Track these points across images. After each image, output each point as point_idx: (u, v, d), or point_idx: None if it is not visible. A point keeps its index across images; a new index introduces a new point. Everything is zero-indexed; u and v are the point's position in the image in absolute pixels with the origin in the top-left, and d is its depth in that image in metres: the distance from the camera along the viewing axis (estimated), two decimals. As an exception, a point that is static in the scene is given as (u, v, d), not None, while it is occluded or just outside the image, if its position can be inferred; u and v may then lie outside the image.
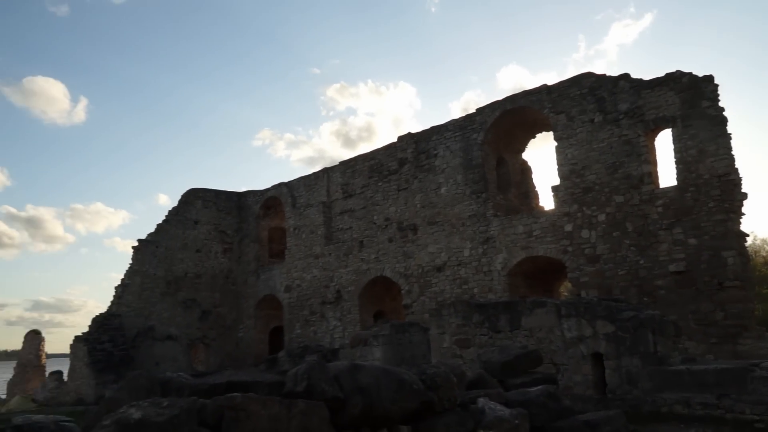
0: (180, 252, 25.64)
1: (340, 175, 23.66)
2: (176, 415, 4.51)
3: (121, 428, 4.26)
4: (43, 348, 39.93)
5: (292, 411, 5.38)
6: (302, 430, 5.41)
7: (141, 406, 4.54)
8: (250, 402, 5.09)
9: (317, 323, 23.28)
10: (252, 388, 5.71)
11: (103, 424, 4.42)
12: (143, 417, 4.36)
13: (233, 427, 4.99)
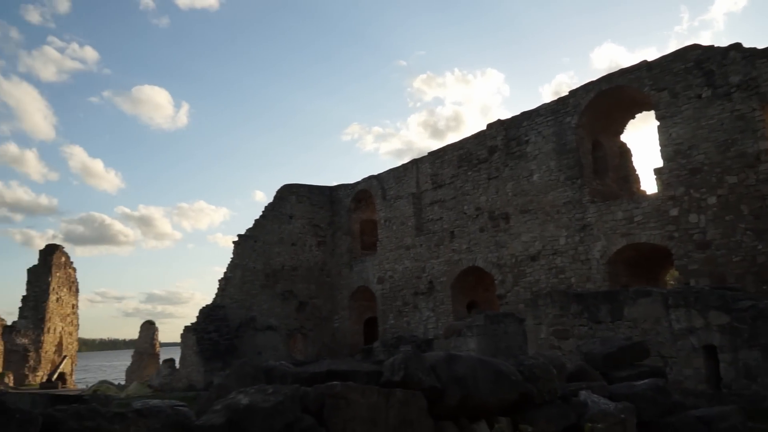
0: (276, 246, 26.65)
1: (429, 166, 23.59)
2: (281, 401, 4.68)
3: (231, 413, 4.48)
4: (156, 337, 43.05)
5: (391, 400, 5.43)
6: (400, 420, 5.46)
7: (248, 393, 4.75)
8: (350, 390, 5.19)
9: (410, 314, 23.43)
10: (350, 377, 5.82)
11: (215, 409, 4.67)
12: (251, 403, 4.55)
13: (334, 415, 5.11)
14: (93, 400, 5.07)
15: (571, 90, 18.74)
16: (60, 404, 4.63)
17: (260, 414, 4.53)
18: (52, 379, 32.10)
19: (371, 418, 5.28)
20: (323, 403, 5.13)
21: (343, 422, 5.08)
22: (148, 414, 4.42)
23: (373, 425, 5.30)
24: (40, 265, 33.51)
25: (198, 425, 4.52)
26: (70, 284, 36.84)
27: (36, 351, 32.30)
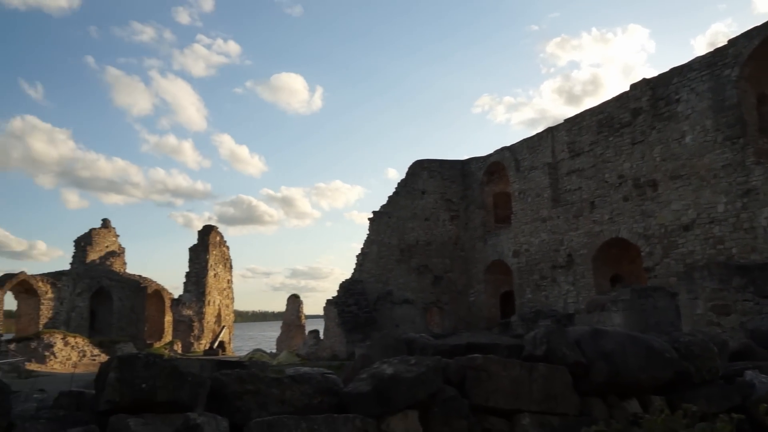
0: (410, 221, 27.05)
1: (566, 134, 22.48)
2: (423, 372, 4.76)
3: (376, 382, 4.64)
4: (302, 310, 45.88)
5: (533, 374, 5.31)
6: (544, 394, 5.33)
7: (392, 363, 4.88)
8: (492, 363, 5.15)
9: (548, 288, 22.71)
10: (491, 350, 5.77)
11: (361, 378, 4.87)
12: (395, 372, 4.68)
13: (476, 387, 5.11)
14: (252, 366, 5.50)
15: (730, 39, 16.75)
16: (224, 369, 5.08)
17: (404, 383, 4.65)
18: (214, 347, 35.58)
19: (514, 391, 5.21)
20: (464, 375, 5.15)
21: (485, 394, 5.07)
22: (301, 380, 4.71)
23: (516, 398, 5.23)
24: (199, 244, 37.05)
25: (346, 392, 4.74)
26: (224, 261, 40.38)
27: (199, 321, 35.92)
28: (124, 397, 3.94)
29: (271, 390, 4.56)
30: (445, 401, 4.89)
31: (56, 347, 26.41)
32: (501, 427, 5.20)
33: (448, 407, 4.90)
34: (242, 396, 4.41)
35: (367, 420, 4.41)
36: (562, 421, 5.33)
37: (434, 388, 4.85)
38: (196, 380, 4.23)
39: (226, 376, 4.53)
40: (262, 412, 4.37)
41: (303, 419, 4.21)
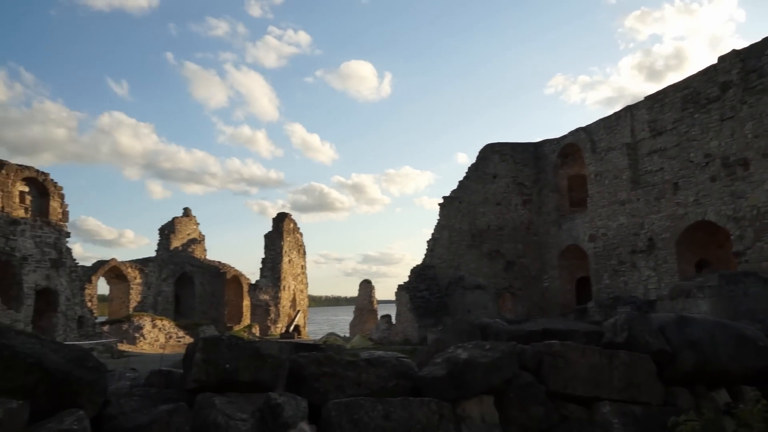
0: (481, 206, 26.71)
1: (646, 112, 21.41)
2: (499, 357, 4.71)
3: (451, 366, 4.63)
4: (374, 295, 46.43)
5: (614, 362, 5.15)
6: (626, 382, 5.16)
7: (466, 348, 4.86)
8: (569, 350, 5.03)
9: (627, 273, 21.84)
10: (568, 336, 5.63)
11: (435, 362, 4.88)
12: (469, 357, 4.66)
13: (553, 373, 5.01)
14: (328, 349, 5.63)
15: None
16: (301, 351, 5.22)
17: (479, 368, 4.62)
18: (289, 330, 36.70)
19: (593, 378, 5.06)
20: (541, 361, 5.05)
21: (563, 381, 4.96)
22: (376, 363, 4.77)
23: (595, 386, 5.08)
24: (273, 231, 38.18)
25: (421, 376, 4.76)
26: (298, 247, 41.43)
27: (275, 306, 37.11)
28: (210, 376, 4.13)
29: (347, 373, 4.65)
30: (521, 387, 4.82)
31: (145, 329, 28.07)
32: (579, 414, 5.08)
33: (525, 393, 4.83)
34: (320, 378, 4.51)
35: (443, 404, 4.42)
36: (645, 410, 5.14)
37: (510, 374, 4.79)
38: (275, 362, 4.37)
39: (304, 359, 4.66)
40: (339, 393, 4.46)
41: (379, 401, 4.26)
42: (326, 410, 4.13)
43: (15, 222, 20.80)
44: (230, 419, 3.63)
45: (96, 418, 3.62)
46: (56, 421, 3.31)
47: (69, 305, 23.20)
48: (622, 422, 4.94)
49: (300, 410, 3.91)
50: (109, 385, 4.07)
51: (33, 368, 3.48)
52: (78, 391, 3.55)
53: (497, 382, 4.67)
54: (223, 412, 3.68)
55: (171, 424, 3.48)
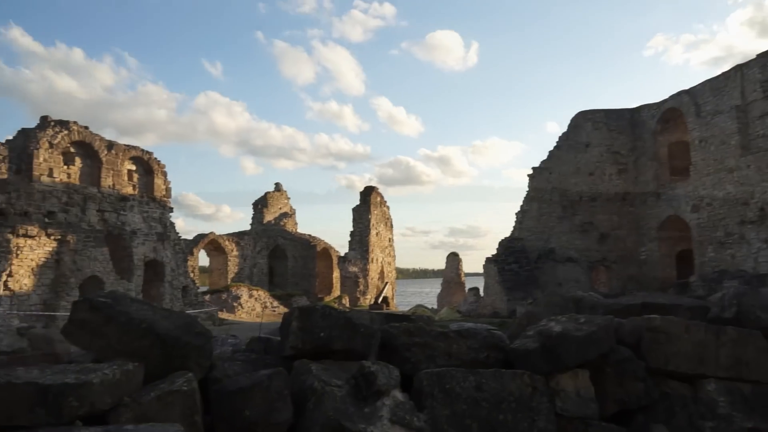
0: (573, 176, 25.74)
1: (759, 71, 19.60)
2: (594, 331, 4.54)
3: (543, 339, 4.53)
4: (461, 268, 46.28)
5: (721, 338, 4.84)
6: (734, 360, 4.85)
7: (560, 321, 4.73)
8: (671, 325, 4.78)
9: (735, 246, 20.35)
10: (669, 311, 5.34)
11: (527, 334, 4.79)
12: (563, 330, 4.53)
13: (653, 349, 4.78)
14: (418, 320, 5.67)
15: None
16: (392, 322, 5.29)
17: (572, 342, 4.48)
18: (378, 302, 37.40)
19: (697, 355, 4.79)
20: (640, 336, 4.83)
21: (664, 357, 4.73)
22: (466, 335, 4.76)
23: (700, 363, 4.81)
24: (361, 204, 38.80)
25: (513, 348, 4.69)
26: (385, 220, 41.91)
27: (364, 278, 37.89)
28: (305, 344, 4.28)
29: (437, 343, 4.66)
30: (619, 362, 4.64)
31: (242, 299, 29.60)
32: (682, 391, 4.84)
33: (622, 368, 4.65)
34: (410, 348, 4.56)
35: (536, 376, 4.34)
36: (756, 388, 4.82)
37: (606, 348, 4.62)
38: (367, 331, 4.46)
39: (395, 329, 4.72)
40: (430, 364, 4.49)
41: (471, 372, 4.25)
42: (418, 379, 4.18)
43: (124, 198, 22.43)
44: (326, 385, 3.75)
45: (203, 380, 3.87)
46: (168, 382, 3.57)
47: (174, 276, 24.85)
48: (729, 401, 4.66)
49: (392, 378, 3.98)
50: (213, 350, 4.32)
51: (146, 333, 3.75)
52: (187, 355, 3.80)
53: (593, 356, 4.52)
54: (319, 378, 3.81)
55: (271, 387, 3.65)
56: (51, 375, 3.19)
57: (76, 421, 3.08)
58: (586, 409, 4.49)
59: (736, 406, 4.60)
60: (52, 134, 19.84)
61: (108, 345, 3.69)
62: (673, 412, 4.65)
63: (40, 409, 2.99)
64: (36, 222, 18.40)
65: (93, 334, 3.77)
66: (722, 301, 5.23)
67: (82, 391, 3.08)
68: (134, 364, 3.49)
